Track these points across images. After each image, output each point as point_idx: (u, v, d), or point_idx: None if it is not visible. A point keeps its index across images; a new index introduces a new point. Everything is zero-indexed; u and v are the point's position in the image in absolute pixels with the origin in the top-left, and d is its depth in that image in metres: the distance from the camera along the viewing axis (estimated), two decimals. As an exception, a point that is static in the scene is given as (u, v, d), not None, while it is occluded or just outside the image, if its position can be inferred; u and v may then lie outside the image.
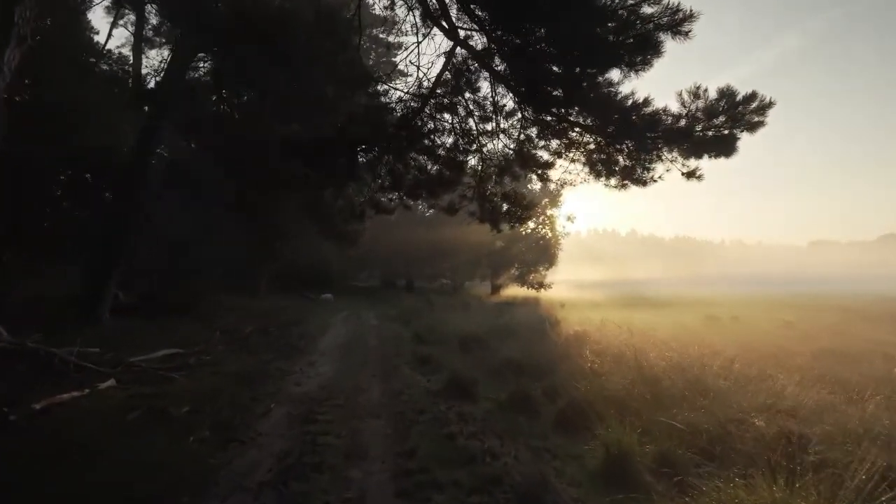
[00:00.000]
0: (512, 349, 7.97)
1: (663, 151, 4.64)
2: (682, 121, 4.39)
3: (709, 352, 8.60)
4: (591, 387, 5.27)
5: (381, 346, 8.93)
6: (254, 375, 6.20)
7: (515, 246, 31.16)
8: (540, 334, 10.09)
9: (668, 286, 46.39)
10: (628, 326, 11.85)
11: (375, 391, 5.52)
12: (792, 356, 8.92)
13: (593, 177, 5.47)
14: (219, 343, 8.14)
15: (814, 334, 12.64)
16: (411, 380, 6.15)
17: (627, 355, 7.30)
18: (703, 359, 7.80)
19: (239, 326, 10.80)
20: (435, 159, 6.12)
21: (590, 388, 5.23)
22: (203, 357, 7.18)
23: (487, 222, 6.84)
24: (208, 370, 6.40)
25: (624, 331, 10.53)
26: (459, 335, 9.29)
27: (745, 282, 57.66)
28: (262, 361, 7.20)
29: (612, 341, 8.76)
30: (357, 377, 6.27)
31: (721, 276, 72.00)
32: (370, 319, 14.14)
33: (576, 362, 6.84)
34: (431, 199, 6.51)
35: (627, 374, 5.83)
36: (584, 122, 4.86)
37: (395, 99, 5.84)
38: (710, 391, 5.38)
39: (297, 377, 6.27)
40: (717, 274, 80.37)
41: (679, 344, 9.04)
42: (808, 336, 12.23)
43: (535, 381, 6.05)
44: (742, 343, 10.18)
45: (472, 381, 5.67)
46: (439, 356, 7.33)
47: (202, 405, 4.65)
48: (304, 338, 9.90)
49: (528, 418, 4.68)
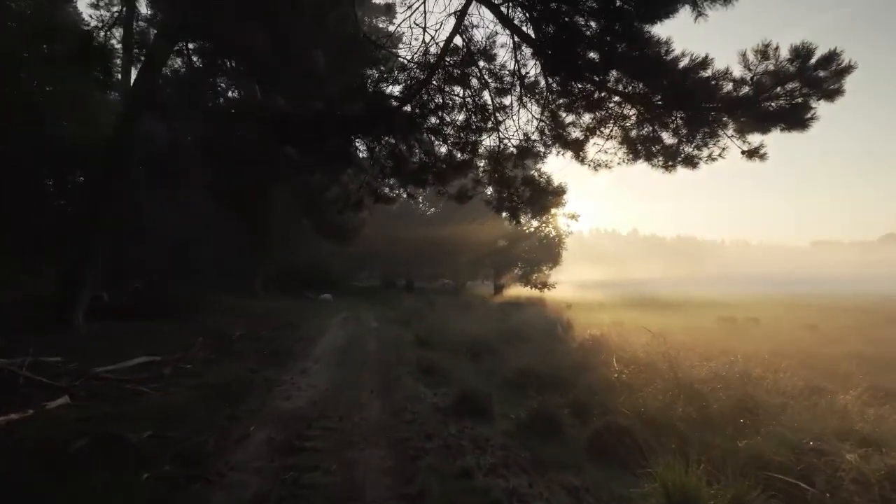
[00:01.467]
0: (525, 356, 7.24)
1: (722, 124, 3.88)
2: (745, 87, 3.65)
3: (740, 359, 7.89)
4: (627, 403, 4.54)
5: (381, 352, 8.20)
6: (237, 387, 5.46)
7: (519, 245, 30.45)
8: (553, 339, 9.38)
9: (673, 286, 45.70)
10: (646, 330, 11.16)
11: (374, 408, 4.78)
12: (831, 362, 8.20)
13: (631, 157, 4.71)
14: (203, 349, 7.40)
15: (840, 337, 11.92)
16: (415, 393, 5.41)
17: (658, 364, 6.59)
18: (735, 365, 7.09)
19: (230, 329, 10.07)
20: (443, 140, 5.35)
21: (625, 405, 4.51)
22: (183, 366, 6.44)
23: (505, 212, 6.06)
24: (186, 381, 5.65)
25: (644, 335, 9.84)
26: (466, 339, 8.56)
27: (750, 282, 56.95)
28: (250, 370, 6.46)
29: (635, 347, 8.04)
30: (354, 389, 5.54)
31: (725, 277, 71.30)
32: (370, 321, 13.41)
33: (600, 372, 6.11)
34: (439, 185, 5.72)
35: (664, 386, 5.11)
36: (626, 89, 4.10)
37: (397, 68, 5.07)
38: (761, 408, 4.67)
39: (287, 389, 5.53)
40: (720, 274, 79.69)
41: (702, 349, 8.32)
42: (835, 339, 11.52)
43: (556, 394, 5.33)
44: (770, 348, 9.46)
45: (485, 396, 4.93)
46: (445, 364, 6.59)
47: (168, 427, 3.91)
48: (299, 342, 9.17)
49: (557, 444, 3.94)
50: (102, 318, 10.01)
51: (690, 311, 20.28)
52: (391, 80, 4.97)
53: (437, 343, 8.62)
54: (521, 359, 7.01)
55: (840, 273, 75.70)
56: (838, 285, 45.11)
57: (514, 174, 5.74)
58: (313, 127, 4.62)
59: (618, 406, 4.54)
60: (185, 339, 8.40)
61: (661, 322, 14.60)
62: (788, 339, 11.06)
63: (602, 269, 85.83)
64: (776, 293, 34.78)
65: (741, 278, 67.33)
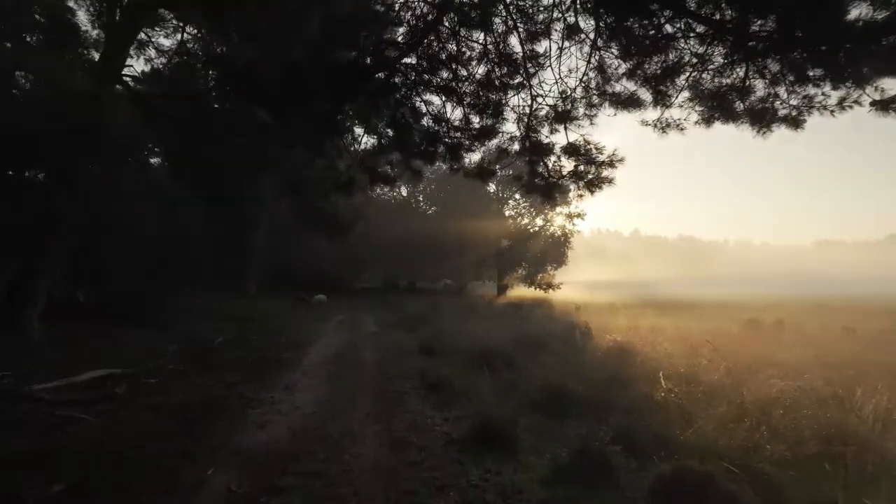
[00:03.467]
0: (547, 367, 6.26)
1: (854, 61, 2.87)
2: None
3: (791, 371, 6.90)
4: (693, 437, 3.55)
5: (380, 362, 7.22)
6: (204, 409, 4.50)
7: (523, 245, 29.44)
8: (572, 345, 8.39)
9: (681, 287, 44.68)
10: (676, 334, 10.17)
11: (370, 440, 3.80)
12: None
13: (711, 114, 3.68)
14: (174, 359, 6.43)
15: (883, 342, 10.90)
16: (421, 418, 4.42)
17: (704, 376, 5.60)
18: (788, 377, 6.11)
19: (213, 335, 9.11)
20: (458, 100, 4.31)
21: (691, 440, 3.52)
22: (146, 380, 5.47)
23: (538, 193, 5.01)
24: (144, 401, 4.68)
25: (678, 342, 8.84)
26: (476, 347, 7.57)
27: (760, 282, 55.97)
28: (225, 385, 5.50)
29: (670, 356, 7.05)
30: (346, 412, 4.56)
31: (733, 277, 70.26)
32: (369, 325, 12.42)
33: (641, 389, 5.12)
34: (453, 160, 4.69)
35: (731, 412, 4.12)
36: (713, 14, 3.09)
37: (399, 3, 4.03)
38: (863, 441, 3.68)
39: (265, 412, 4.55)
40: (727, 274, 78.69)
41: (742, 357, 7.31)
42: (878, 345, 10.50)
43: (594, 418, 4.35)
44: (814, 356, 8.45)
45: (508, 423, 3.95)
46: (455, 378, 5.60)
47: (94, 475, 2.94)
48: (287, 349, 8.20)
49: (611, 496, 2.96)
50: (68, 321, 9.07)
51: (707, 312, 19.29)
52: (389, 21, 3.92)
53: (444, 351, 7.63)
54: (543, 371, 6.02)
55: (849, 273, 74.64)
56: (852, 286, 44.06)
57: (550, 142, 4.69)
58: (290, 83, 3.65)
59: (680, 439, 3.56)
60: (158, 346, 7.45)
61: (680, 325, 13.62)
62: (828, 345, 10.06)
63: (606, 270, 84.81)
64: (791, 294, 33.73)
65: (750, 279, 66.34)
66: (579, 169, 4.57)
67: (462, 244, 28.28)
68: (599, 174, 4.52)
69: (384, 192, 32.52)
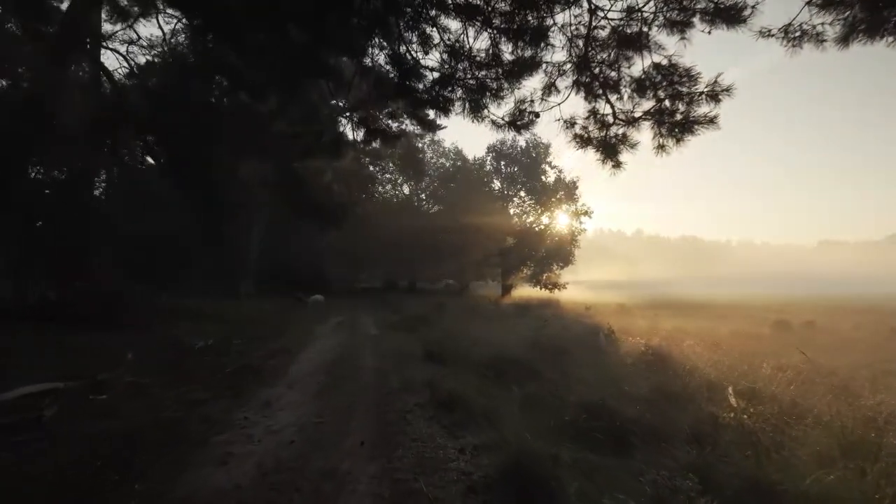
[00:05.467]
0: (578, 380, 5.29)
1: None
2: None
3: (857, 381, 5.96)
4: (815, 486, 2.58)
5: (380, 372, 6.24)
6: (152, 437, 3.54)
7: (529, 244, 28.45)
8: (597, 351, 7.42)
9: (686, 287, 43.72)
10: (706, 337, 9.21)
11: (363, 489, 2.82)
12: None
13: (858, 22, 2.65)
14: (133, 369, 5.45)
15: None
16: (431, 449, 3.45)
17: (773, 391, 4.63)
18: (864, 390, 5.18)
19: (194, 339, 8.13)
20: (483, 23, 3.29)
21: (813, 490, 2.55)
22: (94, 397, 4.51)
23: (598, 148, 3.90)
24: (79, 427, 3.72)
25: (712, 346, 7.87)
26: (489, 353, 6.61)
27: (764, 282, 55.00)
28: (190, 403, 4.53)
29: (717, 364, 6.08)
30: (335, 441, 3.58)
31: (736, 277, 69.25)
32: (368, 327, 11.46)
33: (701, 409, 4.16)
34: (474, 110, 3.59)
35: (837, 442, 3.15)
36: None
37: None
38: None
39: (232, 440, 3.59)
40: (730, 274, 77.75)
41: (791, 364, 6.33)
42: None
43: (655, 450, 3.38)
44: (870, 363, 7.49)
45: (548, 461, 2.98)
46: (470, 393, 4.63)
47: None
48: (274, 356, 7.24)
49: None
50: (30, 322, 8.15)
51: (723, 313, 18.36)
52: None
53: (452, 357, 6.66)
54: (574, 384, 5.06)
55: (852, 273, 73.57)
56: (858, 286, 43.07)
57: (615, 75, 3.56)
58: (256, 4, 2.65)
59: (792, 488, 2.59)
60: (126, 352, 6.49)
61: (702, 327, 12.66)
62: (878, 350, 9.07)
63: (609, 270, 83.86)
64: (800, 294, 32.77)
65: (754, 278, 65.36)
66: (663, 106, 3.45)
67: (464, 243, 27.30)
68: (692, 113, 3.41)
69: (385, 191, 31.60)
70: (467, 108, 3.35)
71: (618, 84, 3.40)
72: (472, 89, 3.27)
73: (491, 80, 3.28)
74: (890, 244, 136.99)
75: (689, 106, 3.30)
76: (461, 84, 3.32)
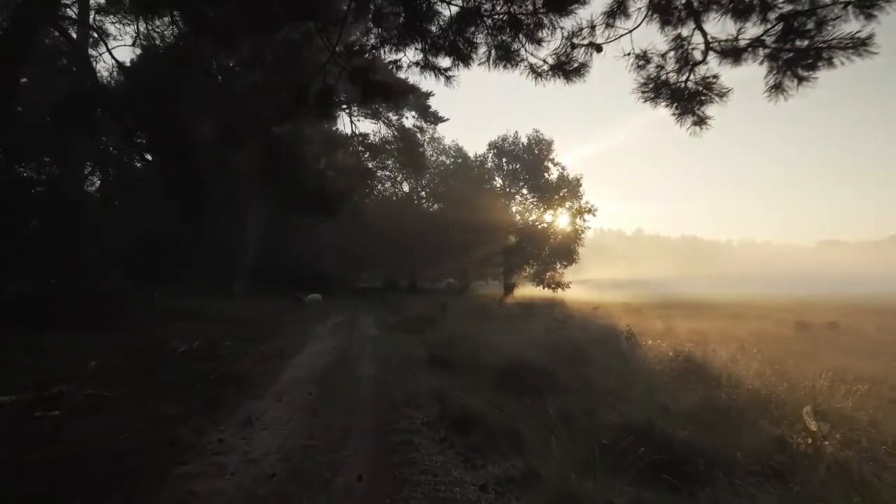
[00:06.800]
0: (609, 392, 4.61)
1: None
2: None
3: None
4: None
5: (381, 380, 5.56)
6: (98, 470, 2.86)
7: (531, 242, 27.77)
8: (621, 358, 6.72)
9: (689, 286, 42.95)
10: (730, 340, 8.53)
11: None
12: None
13: None
14: (94, 379, 4.76)
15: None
16: (446, 487, 2.77)
17: (842, 407, 3.96)
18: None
19: (177, 342, 7.45)
20: None
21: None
22: (44, 414, 3.82)
23: (675, 99, 2.99)
24: (11, 452, 3.03)
25: (743, 351, 7.19)
26: (502, 359, 5.94)
27: (766, 281, 54.29)
28: (157, 420, 3.84)
29: (761, 374, 5.40)
30: (326, 474, 2.90)
31: (738, 276, 68.52)
32: (368, 329, 10.78)
33: (764, 430, 3.48)
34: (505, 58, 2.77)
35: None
36: None
37: None
38: None
39: (199, 471, 2.92)
40: (735, 273, 77.06)
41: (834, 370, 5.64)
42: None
43: (726, 489, 2.71)
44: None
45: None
46: (488, 408, 3.94)
47: None
48: (264, 361, 6.57)
49: None
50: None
51: (734, 313, 17.67)
52: None
53: (461, 362, 5.99)
54: (605, 397, 4.38)
55: (854, 273, 72.87)
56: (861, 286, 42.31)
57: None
58: None
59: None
60: (95, 357, 5.80)
61: (719, 328, 11.95)
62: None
63: (610, 269, 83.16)
64: (810, 294, 32.06)
65: (755, 278, 64.64)
66: (788, 25, 2.41)
67: (466, 242, 26.60)
68: (826, 35, 2.53)
69: (384, 189, 30.84)
70: (493, 55, 2.57)
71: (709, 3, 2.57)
72: (498, 27, 2.49)
73: (525, 16, 2.49)
74: (891, 244, 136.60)
75: (821, 27, 2.48)
76: (486, 22, 2.52)
